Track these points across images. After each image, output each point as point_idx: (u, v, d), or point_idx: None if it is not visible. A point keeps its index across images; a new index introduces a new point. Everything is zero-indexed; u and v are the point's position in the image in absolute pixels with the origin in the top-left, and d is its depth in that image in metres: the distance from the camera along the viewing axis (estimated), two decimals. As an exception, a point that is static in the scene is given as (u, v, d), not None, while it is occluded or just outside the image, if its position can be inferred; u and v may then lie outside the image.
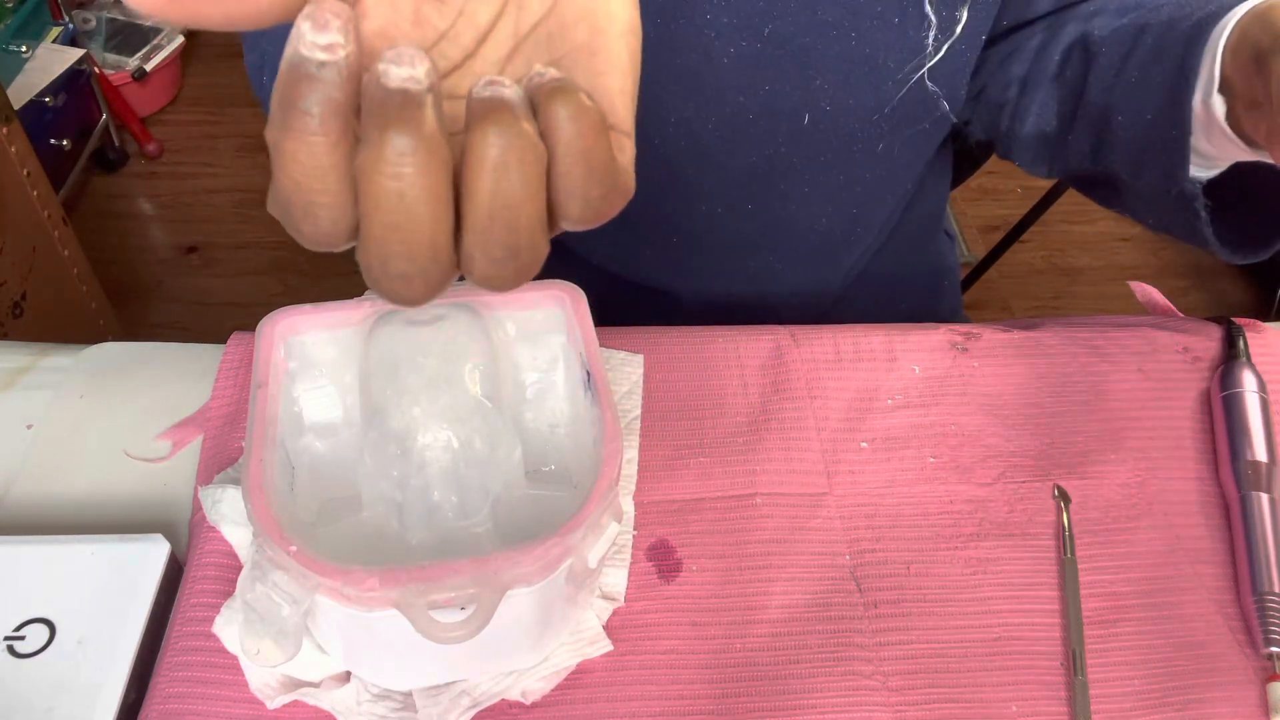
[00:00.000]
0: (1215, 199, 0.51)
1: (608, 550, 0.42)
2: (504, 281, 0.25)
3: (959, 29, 0.58)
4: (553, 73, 0.26)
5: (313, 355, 0.47)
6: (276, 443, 0.43)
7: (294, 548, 0.37)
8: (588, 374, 0.45)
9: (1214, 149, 0.49)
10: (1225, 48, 0.46)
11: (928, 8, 0.57)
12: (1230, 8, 0.48)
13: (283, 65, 0.23)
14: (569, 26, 0.28)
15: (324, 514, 0.46)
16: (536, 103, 0.25)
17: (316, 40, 0.23)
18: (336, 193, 0.23)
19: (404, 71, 0.23)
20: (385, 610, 0.37)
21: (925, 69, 0.60)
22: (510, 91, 0.25)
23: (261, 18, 0.24)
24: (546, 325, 0.48)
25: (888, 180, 0.68)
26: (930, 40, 0.58)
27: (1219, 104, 0.47)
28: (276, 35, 0.55)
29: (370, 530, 0.44)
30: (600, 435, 0.43)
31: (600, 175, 0.26)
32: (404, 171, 0.23)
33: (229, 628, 0.44)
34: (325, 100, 0.23)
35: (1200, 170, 0.50)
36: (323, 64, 0.23)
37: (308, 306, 0.47)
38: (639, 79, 0.29)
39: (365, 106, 0.24)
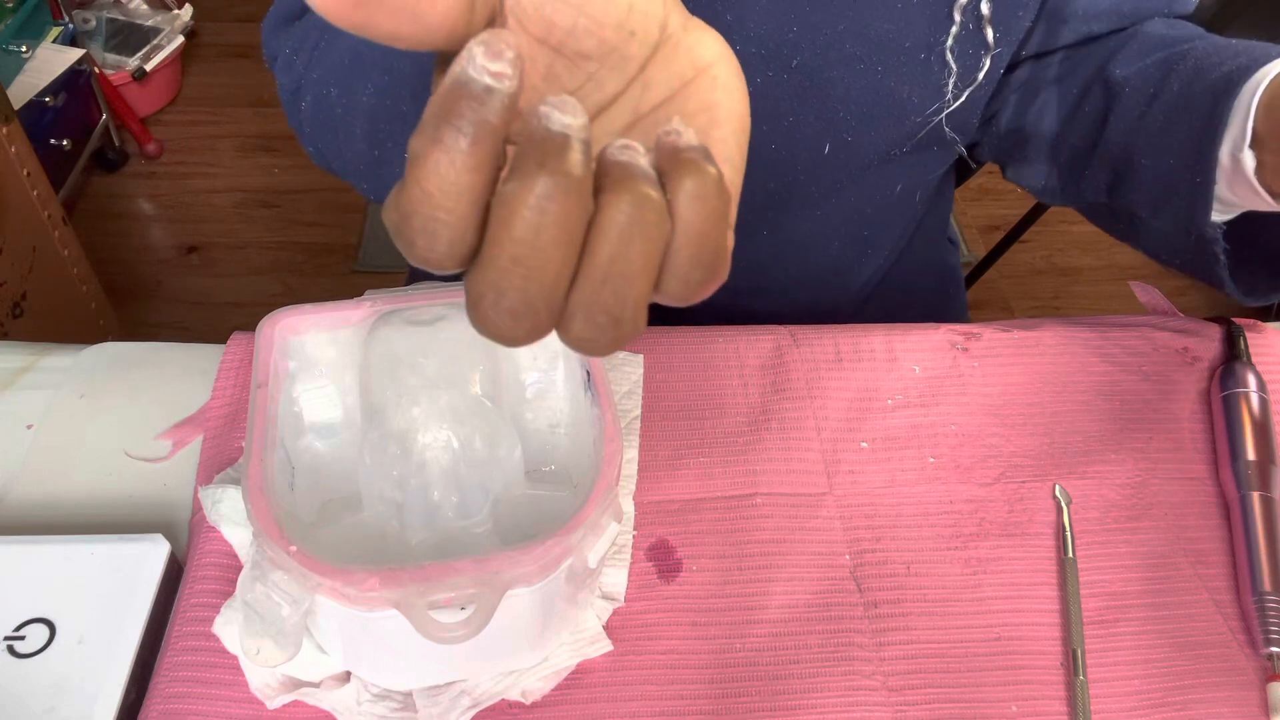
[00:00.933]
0: (1229, 240, 0.51)
1: (608, 550, 0.42)
2: (597, 347, 0.25)
3: (981, 75, 0.58)
4: (689, 136, 0.26)
5: (313, 355, 0.47)
6: (276, 443, 0.43)
7: (294, 548, 0.37)
8: (587, 374, 0.45)
9: (1236, 198, 0.49)
10: (1260, 104, 0.46)
11: (949, 56, 0.57)
12: (1262, 62, 0.47)
13: (447, 80, 0.24)
14: (690, 114, 0.29)
15: (324, 514, 0.46)
16: (666, 167, 0.25)
17: (488, 65, 0.23)
18: (463, 215, 0.24)
19: (566, 119, 0.24)
20: (385, 610, 0.37)
21: (944, 114, 0.60)
22: (645, 161, 0.25)
23: (430, 38, 0.24)
24: None
25: (899, 204, 0.69)
26: (950, 87, 0.58)
27: (1249, 159, 0.47)
28: (317, 62, 0.54)
29: (370, 530, 0.44)
30: (600, 435, 0.43)
31: (708, 261, 0.25)
32: (548, 207, 0.23)
33: (229, 628, 0.44)
34: (481, 123, 0.23)
35: (1217, 214, 0.50)
36: (489, 89, 0.23)
37: (308, 306, 0.47)
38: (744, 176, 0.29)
39: (523, 143, 0.24)
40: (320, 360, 0.47)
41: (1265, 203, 0.48)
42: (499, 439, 0.44)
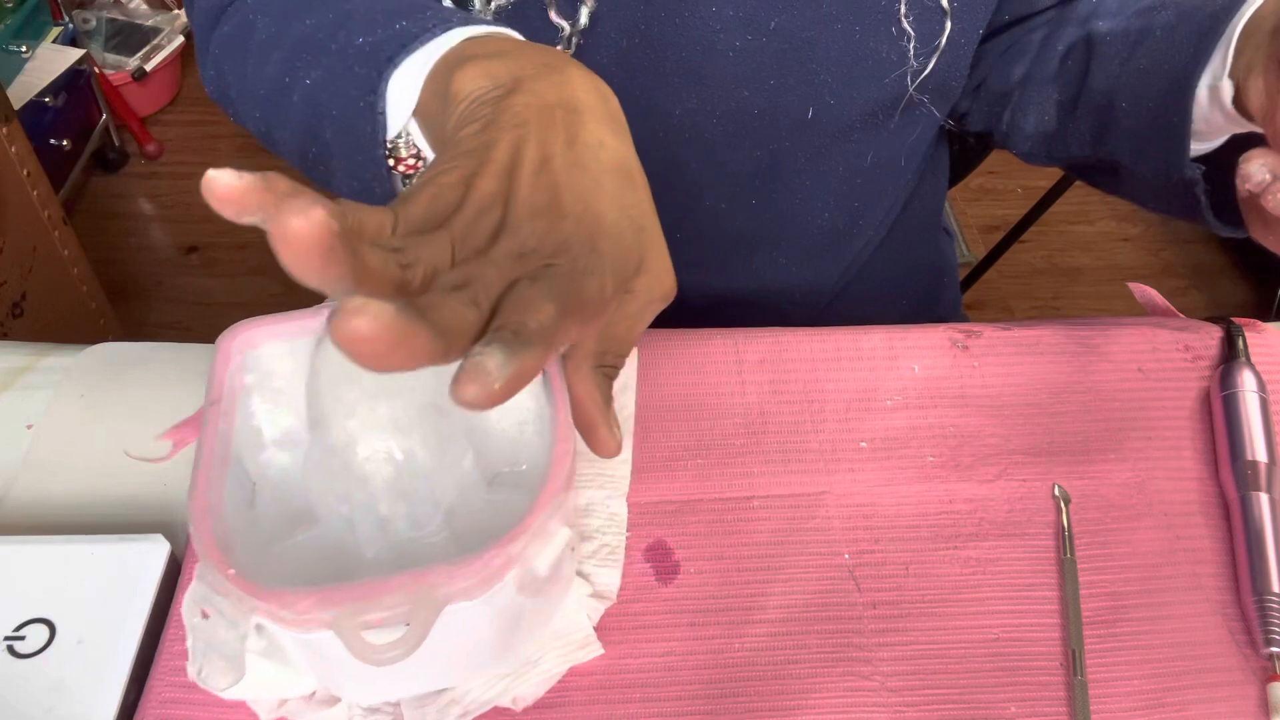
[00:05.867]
0: (1213, 168, 0.52)
1: (559, 556, 0.41)
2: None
3: (942, 40, 0.59)
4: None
5: (270, 368, 0.46)
6: (229, 460, 0.42)
7: (231, 570, 0.36)
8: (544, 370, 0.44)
9: (1213, 129, 0.51)
10: (1240, 33, 0.48)
11: (905, 22, 0.57)
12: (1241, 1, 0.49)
13: None
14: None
15: (290, 528, 0.45)
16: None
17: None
18: None
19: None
20: (323, 632, 0.36)
21: (912, 79, 0.60)
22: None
23: None
24: None
25: (888, 170, 0.68)
26: (911, 52, 0.59)
27: (1228, 87, 0.48)
28: (274, 107, 0.52)
29: (330, 545, 0.43)
30: (553, 436, 0.40)
31: None
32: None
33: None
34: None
35: (1198, 145, 0.52)
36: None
37: (268, 317, 0.45)
38: None
39: None
40: (278, 372, 0.46)
41: (1242, 126, 0.50)
42: (446, 446, 0.43)
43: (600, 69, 0.41)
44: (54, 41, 1.79)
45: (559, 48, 0.56)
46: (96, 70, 1.86)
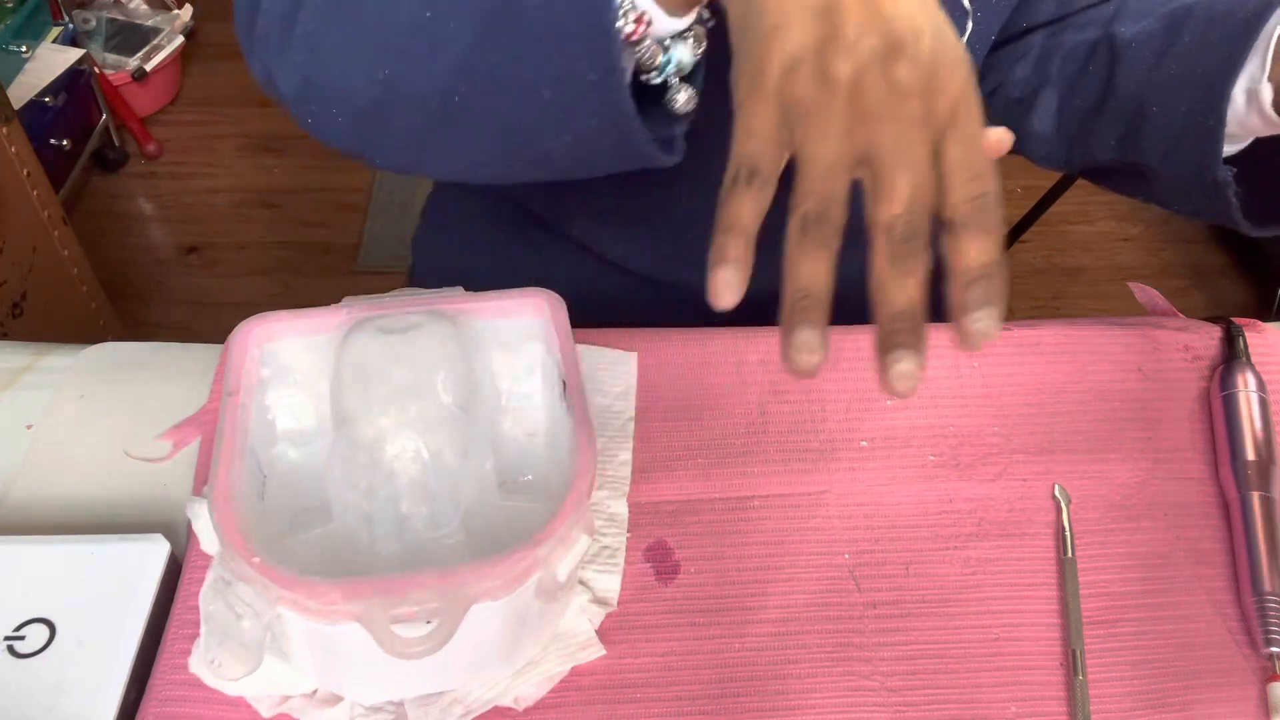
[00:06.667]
0: (1240, 178, 0.53)
1: (578, 564, 0.41)
2: None
3: (963, 39, 0.59)
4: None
5: (287, 363, 0.46)
6: (246, 452, 0.42)
7: (256, 559, 0.37)
8: (564, 383, 0.45)
9: (1246, 132, 0.52)
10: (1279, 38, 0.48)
11: None
12: (1276, 5, 0.49)
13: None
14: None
15: (296, 523, 0.45)
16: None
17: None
18: None
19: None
20: (348, 624, 0.37)
21: None
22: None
23: None
24: (525, 333, 0.48)
25: None
26: None
27: (1268, 90, 0.48)
28: (411, 52, 0.47)
29: (341, 541, 0.44)
30: (575, 446, 0.42)
31: None
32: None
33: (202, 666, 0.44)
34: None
35: (1228, 148, 0.52)
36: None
37: (283, 313, 0.46)
38: None
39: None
40: (294, 368, 0.46)
41: (1276, 127, 0.50)
42: (470, 449, 0.43)
43: None
44: (54, 41, 1.79)
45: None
46: (96, 70, 1.86)
